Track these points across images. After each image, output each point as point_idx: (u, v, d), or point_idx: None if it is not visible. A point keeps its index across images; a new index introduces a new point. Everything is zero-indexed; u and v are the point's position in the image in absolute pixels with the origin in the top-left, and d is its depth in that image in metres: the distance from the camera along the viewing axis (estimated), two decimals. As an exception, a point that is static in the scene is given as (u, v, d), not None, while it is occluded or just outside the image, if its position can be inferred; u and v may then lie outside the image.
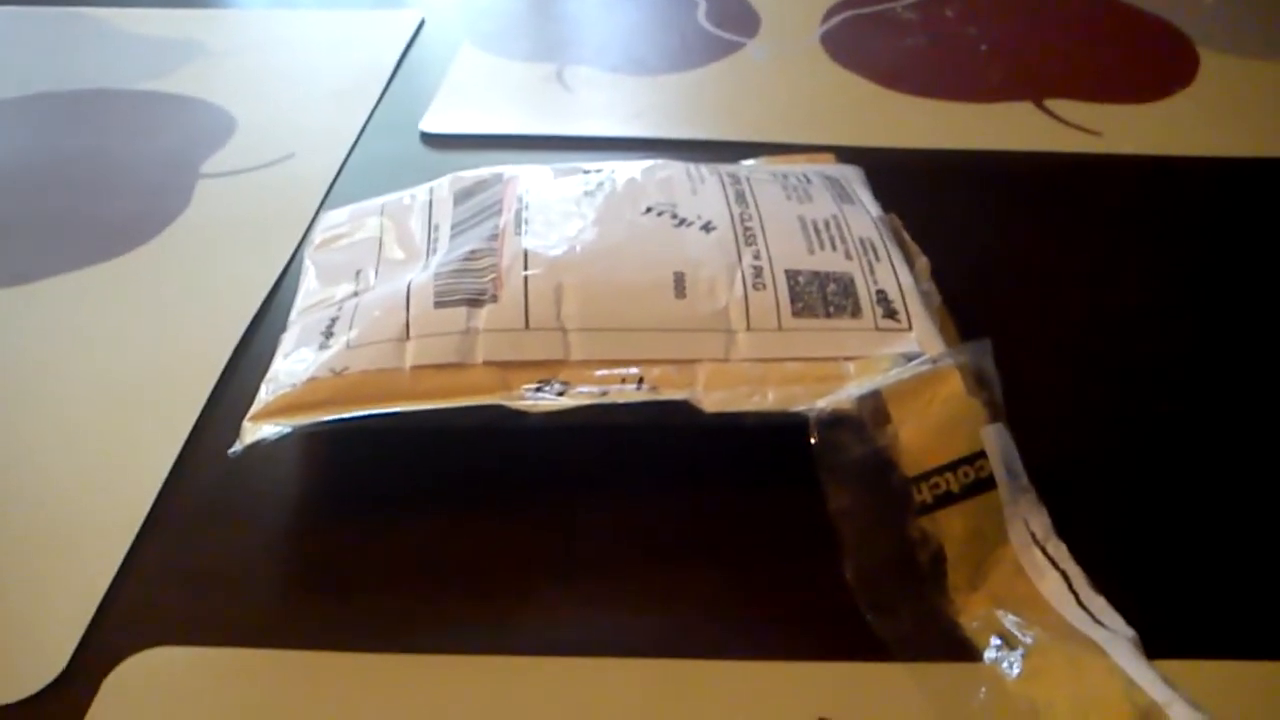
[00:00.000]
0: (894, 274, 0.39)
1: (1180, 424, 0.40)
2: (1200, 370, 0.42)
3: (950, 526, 0.33)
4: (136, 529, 0.36)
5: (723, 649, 0.32)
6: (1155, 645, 0.31)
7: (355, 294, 0.40)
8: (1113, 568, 0.33)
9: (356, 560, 0.35)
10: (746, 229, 0.40)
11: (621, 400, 0.35)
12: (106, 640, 0.32)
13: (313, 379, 0.36)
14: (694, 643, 0.32)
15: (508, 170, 0.44)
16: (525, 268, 0.38)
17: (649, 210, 0.41)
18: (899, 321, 0.37)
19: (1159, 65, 0.64)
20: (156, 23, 0.70)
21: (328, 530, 0.36)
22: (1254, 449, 0.38)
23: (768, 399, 0.35)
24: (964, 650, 0.31)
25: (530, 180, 0.43)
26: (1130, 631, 0.31)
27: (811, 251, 0.39)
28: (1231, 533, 0.35)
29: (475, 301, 0.37)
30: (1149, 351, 0.43)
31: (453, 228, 0.41)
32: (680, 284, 0.38)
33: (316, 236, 0.44)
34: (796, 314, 0.37)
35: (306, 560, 0.35)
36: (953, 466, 0.33)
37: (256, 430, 0.35)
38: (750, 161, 0.49)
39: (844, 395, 0.35)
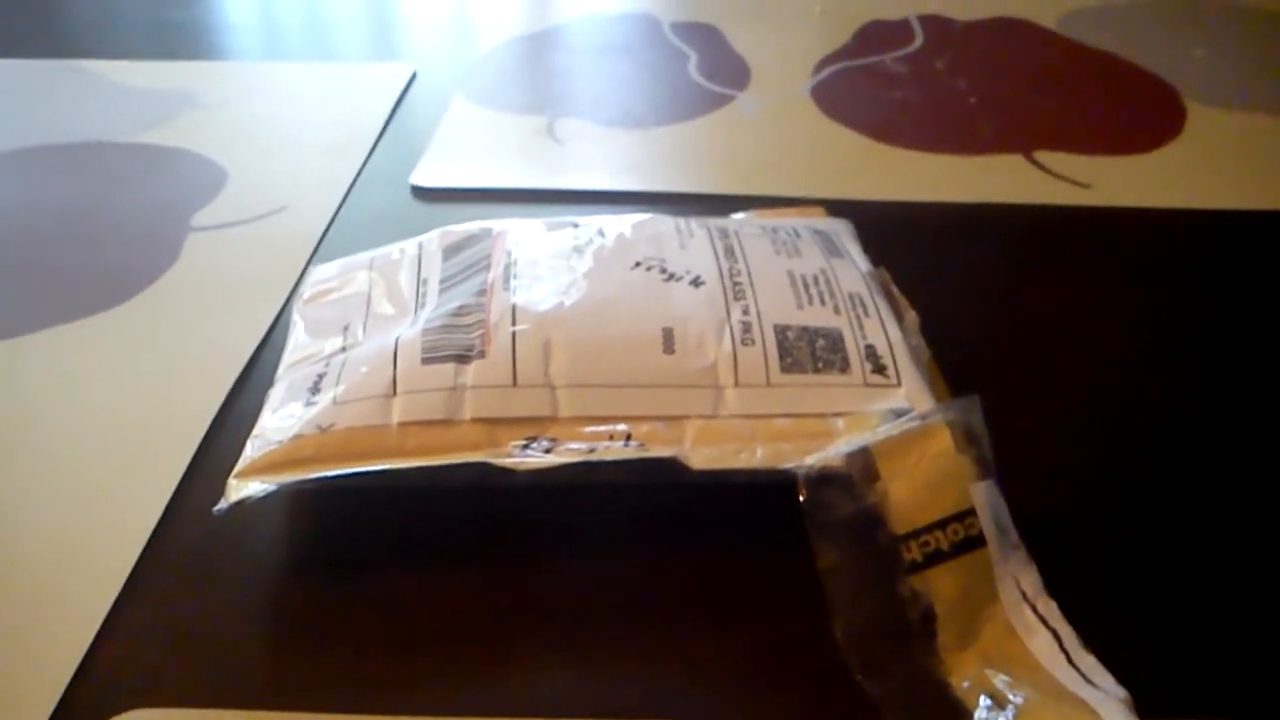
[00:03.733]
0: (883, 329, 0.39)
1: (1172, 479, 0.39)
2: (1192, 424, 0.42)
3: (940, 585, 0.32)
4: (119, 587, 0.35)
5: (709, 710, 0.32)
6: (1147, 705, 0.30)
7: (343, 349, 0.39)
8: (1104, 626, 0.33)
9: (341, 619, 0.34)
10: (735, 284, 0.40)
11: (609, 457, 0.35)
12: (86, 700, 0.32)
13: (299, 436, 0.36)
14: (680, 704, 0.32)
15: (496, 225, 0.44)
16: (513, 323, 0.38)
17: (638, 265, 0.41)
18: (888, 377, 0.37)
19: (1147, 118, 0.65)
20: (148, 75, 0.70)
21: (312, 589, 0.35)
22: (1246, 505, 0.38)
23: (756, 456, 0.35)
24: (954, 710, 0.31)
25: (519, 235, 0.43)
26: (1122, 691, 0.31)
27: (800, 306, 0.39)
28: (1224, 589, 0.35)
29: (463, 358, 0.37)
30: (1140, 406, 0.43)
31: (441, 282, 0.41)
32: (669, 340, 0.38)
33: (305, 290, 0.44)
34: (785, 370, 0.37)
35: (291, 619, 0.35)
36: (942, 524, 0.33)
37: (242, 488, 0.35)
38: (740, 215, 0.49)
39: (833, 452, 0.34)
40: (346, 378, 0.37)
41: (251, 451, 0.36)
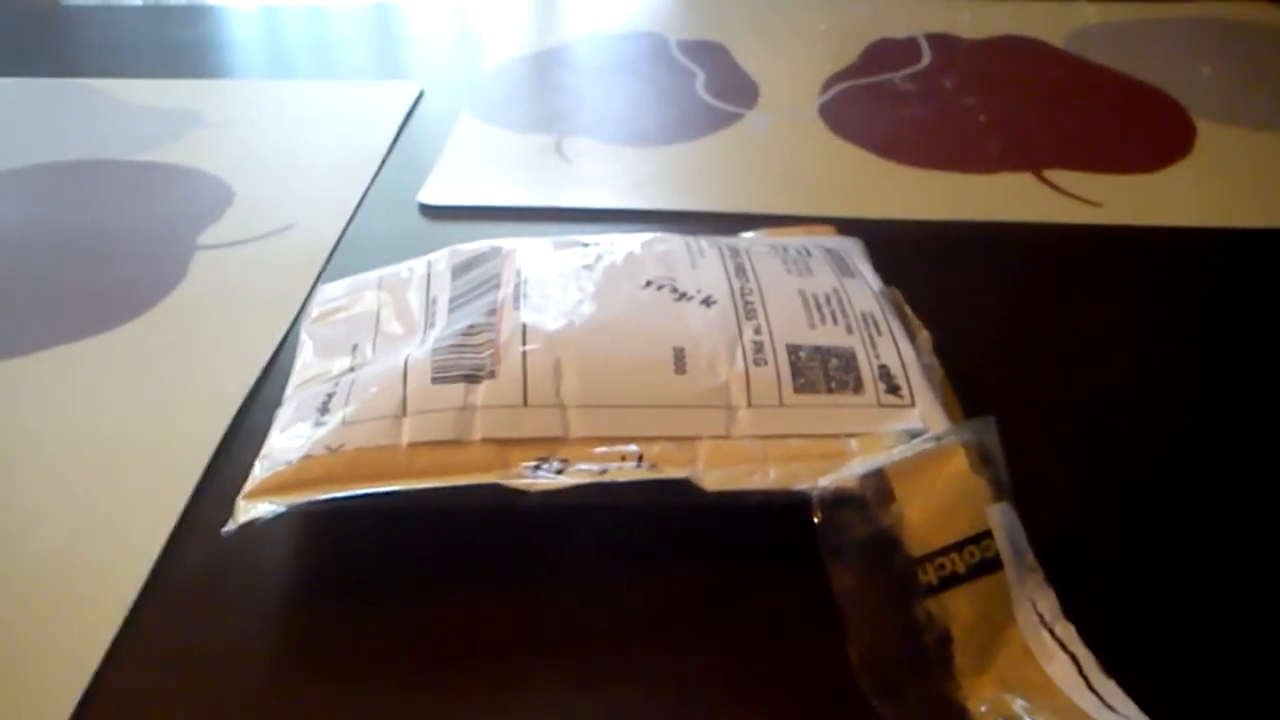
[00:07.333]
0: (896, 348, 0.39)
1: (1191, 501, 0.39)
2: (1210, 445, 0.41)
3: (956, 608, 0.32)
4: (127, 608, 0.35)
5: (725, 735, 0.31)
6: (1168, 731, 0.30)
7: (352, 369, 0.39)
8: (1123, 650, 0.33)
9: (350, 642, 0.34)
10: (747, 303, 0.40)
11: (621, 478, 0.35)
12: (94, 726, 0.32)
13: (308, 456, 0.35)
14: (695, 728, 0.31)
15: (506, 243, 0.44)
16: (523, 343, 0.38)
17: (649, 284, 0.40)
18: (902, 397, 0.37)
19: (1157, 136, 0.64)
20: (154, 93, 0.70)
21: (321, 611, 0.35)
22: (1269, 528, 0.38)
23: (769, 477, 0.35)
24: (972, 736, 0.31)
25: (528, 254, 0.43)
26: (1142, 717, 0.30)
27: (813, 326, 0.39)
28: (1245, 613, 0.35)
29: (473, 377, 0.37)
30: (1154, 425, 0.42)
31: (451, 301, 0.41)
32: (680, 359, 0.37)
33: (314, 309, 0.44)
34: (798, 390, 0.37)
35: (299, 641, 0.34)
36: (958, 546, 0.33)
37: (251, 509, 0.34)
38: (750, 234, 0.49)
39: (847, 473, 0.34)
40: (356, 398, 0.37)
41: (260, 472, 0.35)
